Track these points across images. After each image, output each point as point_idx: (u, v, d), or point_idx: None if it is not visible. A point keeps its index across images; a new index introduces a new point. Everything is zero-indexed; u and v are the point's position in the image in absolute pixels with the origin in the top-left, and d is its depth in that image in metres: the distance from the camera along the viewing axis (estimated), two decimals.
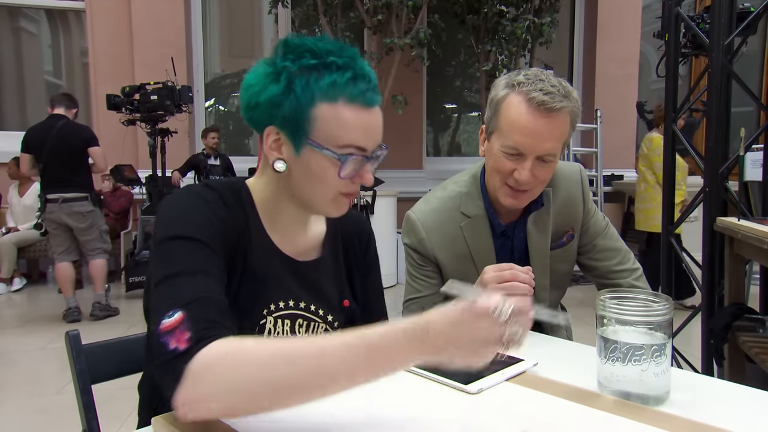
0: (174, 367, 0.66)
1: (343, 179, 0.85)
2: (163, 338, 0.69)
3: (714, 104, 2.10)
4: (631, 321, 0.79)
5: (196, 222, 0.81)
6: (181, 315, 0.70)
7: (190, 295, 0.73)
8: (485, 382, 0.83)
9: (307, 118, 0.82)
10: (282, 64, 0.82)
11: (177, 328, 0.69)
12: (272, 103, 0.82)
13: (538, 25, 4.80)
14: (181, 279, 0.75)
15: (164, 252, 0.79)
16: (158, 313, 0.72)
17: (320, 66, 0.82)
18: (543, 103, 1.09)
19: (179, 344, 0.67)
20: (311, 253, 0.99)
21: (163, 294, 0.74)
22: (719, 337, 2.02)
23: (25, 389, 2.75)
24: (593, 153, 5.63)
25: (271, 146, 0.86)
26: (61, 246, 3.94)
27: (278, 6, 4.98)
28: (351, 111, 0.83)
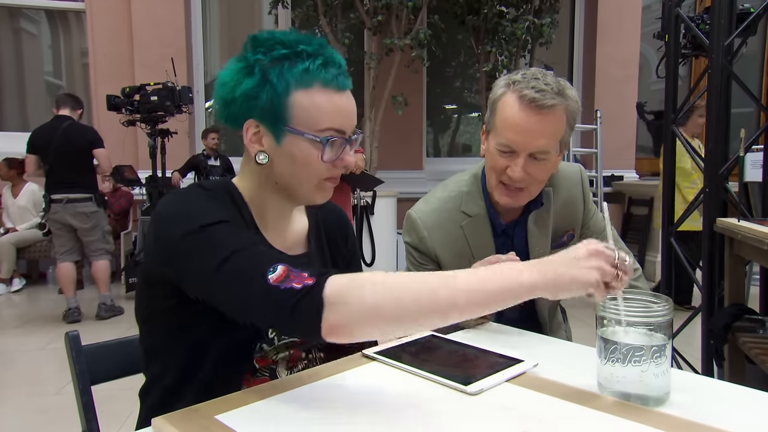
0: (311, 300, 0.70)
1: (326, 162, 0.87)
2: (284, 285, 0.71)
3: (714, 105, 2.10)
4: (631, 322, 0.79)
5: (213, 210, 0.82)
6: (284, 266, 0.73)
7: (272, 255, 0.76)
8: (485, 383, 0.83)
9: (284, 106, 0.84)
10: (254, 58, 0.84)
11: (289, 275, 0.72)
12: (248, 96, 0.84)
13: (538, 26, 4.80)
14: (246, 252, 0.77)
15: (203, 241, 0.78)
16: (252, 276, 0.73)
17: (291, 55, 0.84)
18: (534, 101, 1.10)
19: (306, 281, 0.71)
20: (298, 247, 1.00)
21: (241, 266, 0.75)
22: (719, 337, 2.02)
23: (24, 389, 2.75)
24: (593, 153, 5.62)
25: (251, 139, 0.87)
26: (64, 246, 3.96)
27: (278, 7, 4.98)
28: (326, 95, 0.85)
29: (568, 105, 1.14)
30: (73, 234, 3.97)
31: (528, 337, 1.12)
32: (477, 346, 1.00)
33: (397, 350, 0.98)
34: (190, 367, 0.89)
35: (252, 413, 0.75)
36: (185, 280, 0.81)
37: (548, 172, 1.20)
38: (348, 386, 0.85)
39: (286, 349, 0.98)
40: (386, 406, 0.78)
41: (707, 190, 2.15)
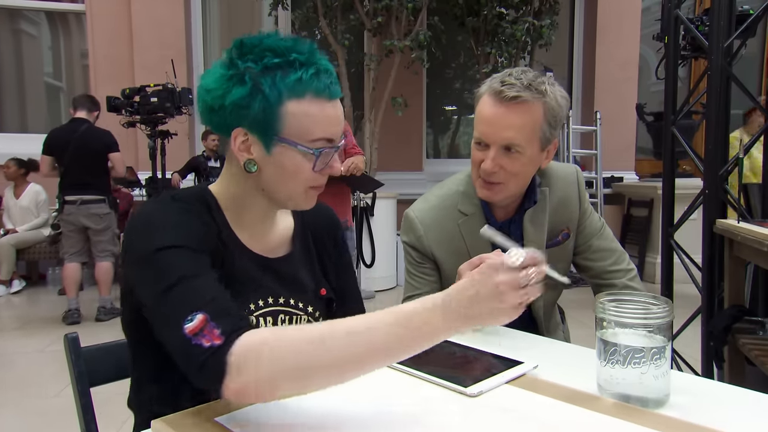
0: (216, 362, 0.68)
1: (317, 172, 0.87)
2: (195, 340, 0.70)
3: (713, 106, 2.10)
4: (630, 323, 0.79)
5: (175, 230, 0.82)
6: (203, 316, 0.71)
7: (202, 297, 0.74)
8: (485, 385, 0.83)
9: (276, 116, 0.83)
10: (244, 66, 0.83)
11: (204, 328, 0.70)
12: (238, 105, 0.83)
13: (538, 28, 4.80)
14: (185, 284, 0.76)
15: (156, 264, 0.78)
16: (175, 321, 0.72)
17: (284, 64, 0.83)
18: (499, 93, 1.14)
19: (214, 340, 0.69)
20: (281, 249, 1.00)
21: (173, 301, 0.75)
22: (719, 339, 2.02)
23: (23, 391, 2.75)
24: (593, 155, 5.63)
25: (239, 148, 0.86)
26: (73, 247, 4.01)
27: (278, 8, 4.98)
28: (318, 105, 0.85)
29: (543, 100, 1.15)
30: (84, 235, 4.02)
31: (527, 339, 1.12)
32: (477, 348, 1.00)
33: None
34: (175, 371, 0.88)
35: (251, 415, 0.75)
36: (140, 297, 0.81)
37: (525, 167, 1.19)
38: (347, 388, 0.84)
39: None
40: (386, 408, 0.78)
41: (707, 191, 2.15)
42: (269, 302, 0.94)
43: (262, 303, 0.93)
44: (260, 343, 0.69)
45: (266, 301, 0.94)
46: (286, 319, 0.96)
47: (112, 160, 4.02)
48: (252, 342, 0.69)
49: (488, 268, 0.71)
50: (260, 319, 0.93)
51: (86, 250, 4.07)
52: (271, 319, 0.94)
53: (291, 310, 0.97)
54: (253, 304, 0.92)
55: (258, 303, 0.93)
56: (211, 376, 0.69)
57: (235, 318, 0.72)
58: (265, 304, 0.94)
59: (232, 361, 0.68)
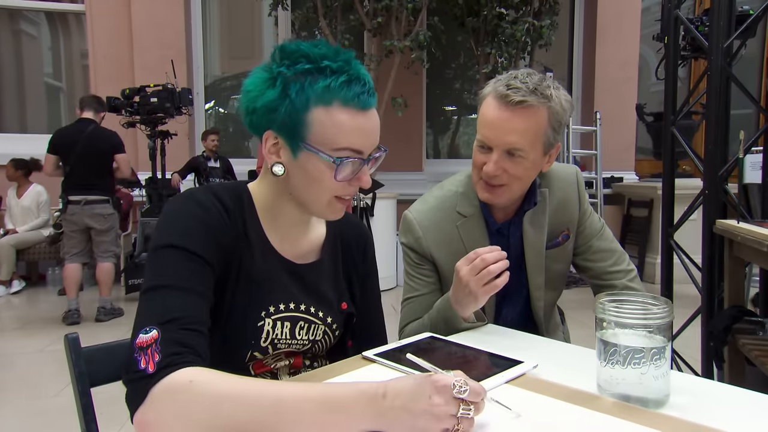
0: (139, 388, 0.68)
1: (340, 182, 0.86)
2: (137, 354, 0.71)
3: (713, 107, 2.10)
4: (630, 324, 0.79)
5: (190, 229, 0.83)
6: (156, 334, 0.72)
7: (170, 313, 0.75)
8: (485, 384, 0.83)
9: (302, 122, 0.83)
10: (278, 70, 0.84)
11: (150, 347, 0.71)
12: (269, 108, 0.84)
13: (538, 28, 4.80)
14: (165, 293, 0.77)
15: (155, 260, 0.80)
16: (137, 325, 0.74)
17: (314, 70, 0.83)
18: (504, 97, 1.13)
19: (149, 366, 0.69)
20: (310, 255, 0.99)
21: (146, 305, 0.77)
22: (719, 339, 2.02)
23: (23, 392, 2.75)
24: (593, 155, 5.63)
25: (269, 150, 0.87)
26: (75, 248, 4.01)
27: (278, 8, 4.98)
28: (346, 114, 0.84)
29: (550, 106, 1.14)
30: (86, 236, 4.02)
31: (527, 339, 1.12)
32: (477, 348, 1.00)
33: (396, 352, 0.98)
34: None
35: None
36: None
37: (528, 171, 1.19)
38: None
39: (286, 358, 0.97)
40: None
41: (706, 191, 2.15)
42: (290, 307, 0.94)
43: (283, 307, 0.93)
44: (186, 387, 0.67)
45: (287, 306, 0.94)
46: (305, 327, 0.96)
47: (118, 161, 4.03)
48: (179, 384, 0.68)
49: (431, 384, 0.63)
50: (277, 323, 0.92)
51: (88, 251, 4.07)
52: (289, 324, 0.94)
53: (311, 318, 0.96)
54: (273, 306, 0.92)
55: (278, 306, 0.93)
56: (129, 398, 0.70)
57: (183, 350, 0.72)
58: (285, 308, 0.93)
59: (153, 394, 0.67)
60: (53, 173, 4.04)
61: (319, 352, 1.01)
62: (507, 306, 1.35)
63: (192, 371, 0.69)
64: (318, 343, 0.99)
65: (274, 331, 0.92)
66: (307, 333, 0.96)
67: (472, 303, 1.09)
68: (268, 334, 0.92)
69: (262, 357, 0.93)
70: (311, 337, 0.97)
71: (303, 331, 0.96)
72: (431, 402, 0.62)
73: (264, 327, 0.91)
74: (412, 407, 0.62)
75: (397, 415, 0.63)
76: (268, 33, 6.06)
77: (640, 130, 5.91)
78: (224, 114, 6.21)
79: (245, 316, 0.90)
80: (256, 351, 0.92)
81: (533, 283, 1.32)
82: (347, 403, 0.65)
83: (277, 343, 0.93)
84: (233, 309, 0.89)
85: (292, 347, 0.96)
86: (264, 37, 6.17)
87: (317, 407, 0.65)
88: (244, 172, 5.23)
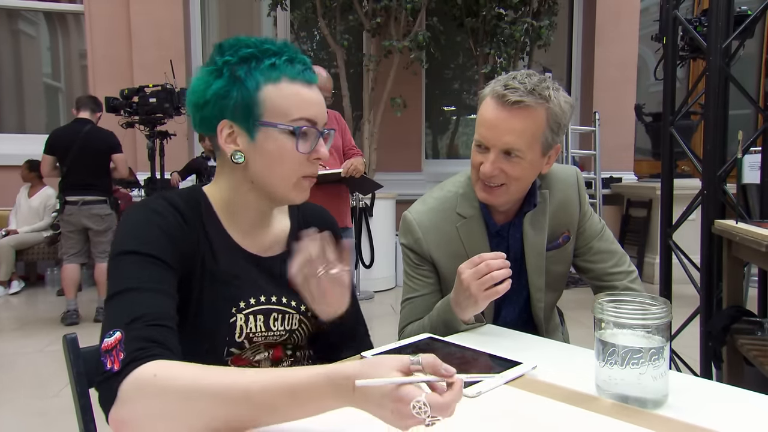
0: (108, 388, 0.69)
1: (302, 153, 0.88)
2: (103, 357, 0.72)
3: (712, 107, 2.10)
4: (629, 324, 0.79)
5: (147, 235, 0.84)
6: (120, 335, 0.72)
7: (133, 313, 0.75)
8: (483, 386, 0.83)
9: (255, 101, 0.86)
10: (222, 60, 0.87)
11: (114, 348, 0.71)
12: (219, 95, 0.87)
13: (537, 28, 4.80)
14: (127, 296, 0.78)
15: (115, 269, 0.81)
16: (102, 332, 0.75)
17: (257, 53, 0.87)
18: (502, 97, 1.13)
19: (114, 365, 0.70)
20: (276, 248, 1.00)
21: (109, 311, 0.77)
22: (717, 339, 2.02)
23: (22, 392, 2.74)
24: (592, 155, 5.63)
25: (226, 140, 0.89)
26: (73, 248, 4.00)
27: (277, 9, 4.98)
28: (294, 88, 0.88)
29: (547, 106, 1.14)
30: (84, 236, 4.01)
31: (526, 340, 1.12)
32: (475, 348, 1.00)
33: (395, 353, 0.98)
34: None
35: None
36: None
37: (526, 172, 1.19)
38: None
39: (266, 350, 0.97)
40: None
41: (705, 192, 2.15)
42: (261, 300, 0.95)
43: (254, 301, 0.94)
44: (153, 381, 0.68)
45: (258, 300, 0.94)
46: (278, 317, 0.96)
47: (115, 161, 4.03)
48: (146, 378, 0.68)
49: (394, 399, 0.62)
50: (249, 317, 0.93)
51: (86, 251, 4.07)
52: (262, 317, 0.95)
53: (284, 309, 0.97)
54: (243, 302, 0.93)
55: (249, 301, 0.93)
56: (102, 401, 0.70)
57: (148, 344, 0.72)
58: (256, 302, 0.94)
59: (122, 392, 0.68)
60: (50, 173, 4.04)
61: (299, 341, 1.01)
62: (506, 307, 1.35)
63: (157, 364, 0.69)
64: (296, 333, 1.00)
65: (247, 325, 0.93)
66: (282, 323, 0.97)
67: (472, 306, 1.09)
68: (242, 329, 0.92)
69: (239, 352, 0.94)
70: (287, 327, 0.98)
71: (278, 323, 0.96)
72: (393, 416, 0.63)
73: (236, 323, 0.92)
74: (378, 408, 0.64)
75: (366, 405, 0.65)
76: (267, 33, 6.06)
77: (638, 131, 5.92)
78: None
79: (216, 315, 0.91)
80: (233, 347, 0.93)
81: (533, 285, 1.32)
82: (315, 391, 0.66)
83: (253, 336, 0.94)
84: (202, 310, 0.89)
85: (269, 339, 0.96)
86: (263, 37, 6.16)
87: (285, 397, 0.66)
88: None
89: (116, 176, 4.14)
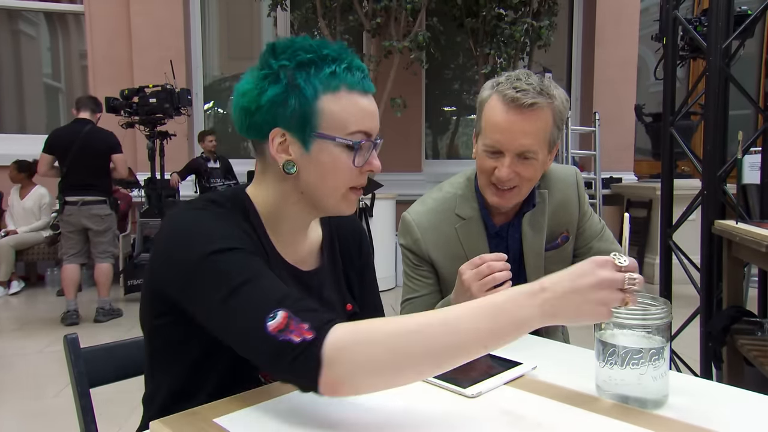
0: (309, 357, 0.67)
1: (356, 167, 0.86)
2: (282, 336, 0.68)
3: (712, 107, 2.10)
4: (629, 324, 0.79)
5: (225, 233, 0.80)
6: (284, 312, 0.70)
7: (275, 295, 0.73)
8: (483, 386, 0.83)
9: (313, 111, 0.82)
10: (278, 64, 0.82)
11: (289, 324, 0.69)
12: (275, 102, 0.82)
13: (537, 29, 4.80)
14: (253, 284, 0.74)
15: (213, 269, 0.75)
16: (254, 321, 0.70)
17: (317, 59, 0.83)
18: (515, 100, 1.12)
19: (305, 335, 0.68)
20: (312, 260, 0.98)
21: (243, 306, 0.72)
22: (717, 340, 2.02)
23: (23, 393, 2.74)
24: (591, 156, 5.63)
25: (277, 149, 0.85)
26: (73, 248, 4.00)
27: (277, 9, 4.98)
28: (353, 98, 0.85)
29: (553, 104, 1.15)
30: (84, 236, 4.01)
31: (526, 340, 1.12)
32: None
33: None
34: (193, 380, 0.87)
35: (251, 416, 0.75)
36: (192, 305, 0.79)
37: (537, 172, 1.20)
38: None
39: None
40: (385, 409, 0.78)
41: (705, 192, 2.15)
42: None
43: None
44: (353, 335, 0.68)
45: None
46: None
47: (115, 162, 4.03)
48: (344, 334, 0.68)
49: (592, 263, 0.71)
50: None
51: (85, 251, 4.07)
52: None
53: None
54: None
55: None
56: (304, 372, 0.68)
57: (319, 312, 0.71)
58: None
59: (326, 355, 0.67)
60: (47, 173, 4.03)
61: None
62: None
63: (347, 324, 0.70)
64: None
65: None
66: None
67: None
68: None
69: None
70: None
71: None
72: (597, 276, 0.68)
73: None
74: (578, 286, 0.68)
75: (563, 302, 0.68)
76: (267, 33, 6.06)
77: (638, 131, 5.92)
78: (223, 114, 6.21)
79: None
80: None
81: None
82: (509, 306, 0.68)
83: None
84: None
85: None
86: (263, 37, 6.16)
87: (484, 319, 0.68)
88: (243, 173, 5.22)
89: (116, 176, 4.14)
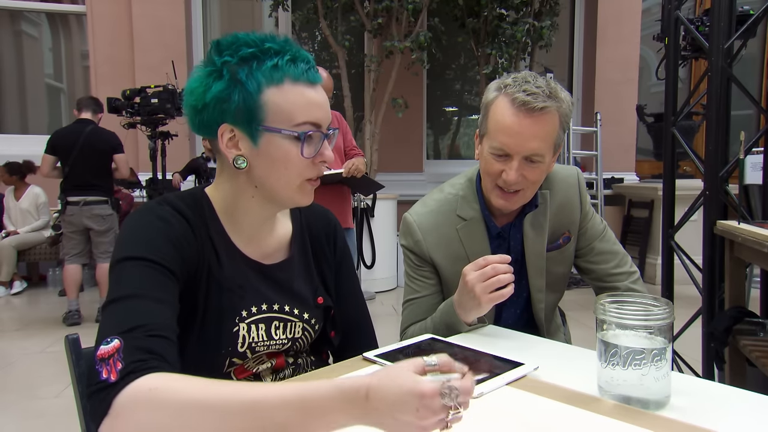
0: (102, 399, 0.65)
1: (306, 158, 0.86)
2: (98, 366, 0.68)
3: (714, 107, 2.10)
4: (631, 325, 0.79)
5: (150, 241, 0.81)
6: (118, 343, 0.69)
7: (132, 321, 0.72)
8: (486, 386, 0.83)
9: (257, 105, 0.83)
10: (221, 60, 0.83)
11: (111, 357, 0.68)
12: (220, 99, 0.83)
13: (538, 29, 4.80)
14: (126, 303, 0.75)
15: (116, 274, 0.78)
16: (99, 338, 0.71)
17: (258, 53, 0.83)
18: (525, 104, 1.11)
19: (111, 375, 0.66)
20: (278, 254, 0.98)
21: (107, 318, 0.74)
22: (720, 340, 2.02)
23: (24, 393, 2.74)
24: (593, 156, 5.63)
25: (227, 145, 0.86)
26: (74, 249, 4.01)
27: (278, 9, 4.99)
28: (298, 90, 0.84)
29: (560, 107, 1.15)
30: (85, 237, 4.02)
31: (528, 340, 1.12)
32: (477, 349, 1.00)
33: (396, 353, 0.98)
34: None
35: None
36: None
37: (543, 175, 1.20)
38: None
39: (268, 359, 0.96)
40: None
41: (707, 192, 2.15)
42: (263, 309, 0.93)
43: (255, 310, 0.92)
44: (149, 394, 0.64)
45: (259, 308, 0.92)
46: (280, 326, 0.95)
47: (116, 162, 4.04)
48: (142, 392, 0.64)
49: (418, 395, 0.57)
50: (251, 326, 0.91)
51: (87, 252, 4.08)
52: (264, 326, 0.93)
53: (286, 317, 0.95)
54: (245, 311, 0.91)
55: (251, 310, 0.92)
56: (93, 410, 0.66)
57: (147, 356, 0.69)
58: (258, 310, 0.92)
59: (117, 405, 0.64)
60: (49, 174, 4.04)
61: (301, 348, 1.00)
62: (507, 309, 1.35)
63: (156, 377, 0.66)
64: (298, 341, 0.98)
65: (249, 335, 0.91)
66: (284, 332, 0.95)
67: (476, 309, 1.09)
68: (245, 339, 0.90)
69: (242, 362, 0.92)
70: (290, 335, 0.96)
71: (279, 331, 0.95)
72: (418, 414, 0.57)
73: (239, 332, 0.90)
74: (398, 416, 0.58)
75: (381, 418, 0.59)
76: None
77: (640, 131, 5.91)
78: None
79: (219, 325, 0.88)
80: (235, 357, 0.91)
81: (534, 286, 1.32)
82: (327, 405, 0.60)
83: (255, 346, 0.92)
84: (206, 318, 0.87)
85: (272, 348, 0.95)
86: None
87: (294, 412, 0.60)
88: None
89: (118, 177, 4.15)
